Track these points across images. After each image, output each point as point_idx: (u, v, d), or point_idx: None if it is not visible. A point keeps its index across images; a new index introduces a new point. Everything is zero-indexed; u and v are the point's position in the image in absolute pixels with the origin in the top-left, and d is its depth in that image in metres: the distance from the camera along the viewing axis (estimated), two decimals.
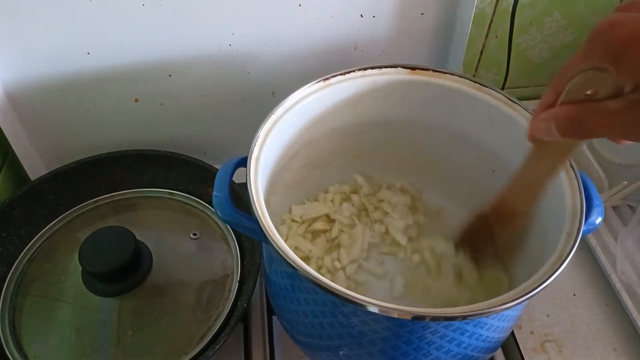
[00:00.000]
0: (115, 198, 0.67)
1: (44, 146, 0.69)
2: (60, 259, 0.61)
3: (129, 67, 0.64)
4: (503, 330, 0.46)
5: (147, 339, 0.54)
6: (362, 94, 0.55)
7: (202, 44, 0.64)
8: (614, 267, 0.66)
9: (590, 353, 0.61)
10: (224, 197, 0.45)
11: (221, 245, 0.62)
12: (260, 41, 0.65)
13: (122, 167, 0.68)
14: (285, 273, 0.45)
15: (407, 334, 0.40)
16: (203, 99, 0.69)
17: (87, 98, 0.66)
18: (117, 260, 0.54)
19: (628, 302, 0.63)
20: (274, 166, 0.52)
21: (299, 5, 0.62)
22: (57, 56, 0.61)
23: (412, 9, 0.66)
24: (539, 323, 0.63)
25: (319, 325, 0.44)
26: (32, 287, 0.58)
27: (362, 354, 0.43)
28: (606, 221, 0.72)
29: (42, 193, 0.64)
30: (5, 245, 0.60)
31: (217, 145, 0.75)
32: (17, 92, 0.63)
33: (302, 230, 0.61)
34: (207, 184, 0.65)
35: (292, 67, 0.68)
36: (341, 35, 0.67)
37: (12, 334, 0.54)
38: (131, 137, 0.71)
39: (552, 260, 0.40)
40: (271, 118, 0.50)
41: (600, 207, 0.45)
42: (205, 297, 0.57)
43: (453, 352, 0.42)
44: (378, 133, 0.61)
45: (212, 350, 0.51)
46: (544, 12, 0.75)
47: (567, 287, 0.66)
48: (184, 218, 0.66)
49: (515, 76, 0.84)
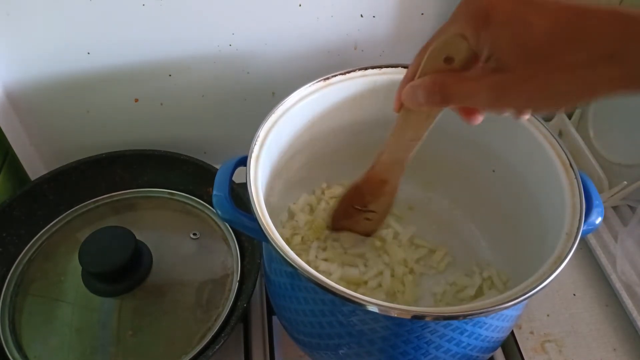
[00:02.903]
0: (115, 198, 0.67)
1: (44, 146, 0.69)
2: (60, 259, 0.61)
3: (129, 67, 0.64)
4: (502, 330, 0.46)
5: (147, 339, 0.54)
6: (362, 93, 0.55)
7: (202, 44, 0.64)
8: (614, 267, 0.66)
9: (590, 353, 0.60)
10: (224, 196, 0.45)
11: (221, 245, 0.62)
12: (260, 41, 0.65)
13: (122, 167, 0.68)
14: (285, 272, 0.45)
15: (406, 333, 0.40)
16: (203, 99, 0.69)
17: (87, 98, 0.66)
18: (117, 260, 0.54)
19: (628, 302, 0.63)
20: (274, 165, 0.52)
21: (299, 5, 0.62)
22: (57, 56, 0.61)
23: (412, 9, 0.66)
24: (539, 323, 0.63)
25: (319, 325, 0.44)
26: (32, 287, 0.59)
27: (361, 353, 0.43)
28: (606, 221, 0.72)
29: (42, 193, 0.64)
30: (5, 245, 0.60)
31: (217, 145, 0.75)
32: (17, 92, 0.63)
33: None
34: (207, 184, 0.65)
35: (292, 67, 0.68)
36: (341, 35, 0.67)
37: (12, 334, 0.54)
38: (131, 137, 0.71)
39: (552, 260, 0.40)
40: (271, 117, 0.50)
41: (600, 207, 0.45)
42: (205, 297, 0.57)
43: (452, 351, 0.42)
44: (378, 133, 0.60)
45: (212, 350, 0.51)
46: None
47: (567, 287, 0.66)
48: (184, 218, 0.66)
49: None
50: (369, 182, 0.53)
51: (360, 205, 0.57)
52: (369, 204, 0.56)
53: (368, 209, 0.57)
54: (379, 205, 0.56)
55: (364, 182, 0.53)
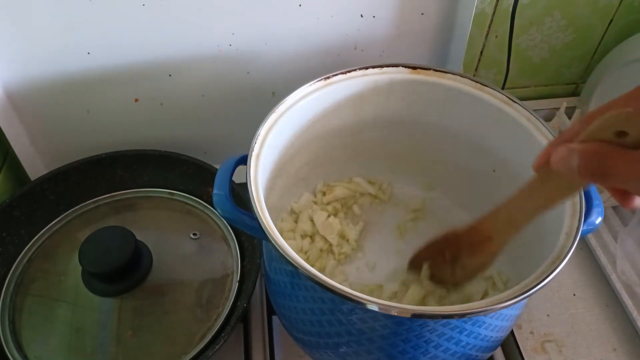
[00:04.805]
0: (115, 198, 0.67)
1: (44, 146, 0.69)
2: (60, 259, 0.61)
3: (129, 67, 0.64)
4: (502, 330, 0.45)
5: (147, 339, 0.54)
6: (363, 93, 0.55)
7: (202, 44, 0.64)
8: (614, 267, 0.66)
9: (590, 353, 0.61)
10: (224, 194, 0.45)
11: (221, 245, 0.62)
12: (260, 41, 0.65)
13: (122, 167, 0.68)
14: (285, 271, 0.45)
15: (405, 332, 0.40)
16: (203, 99, 0.69)
17: (87, 98, 0.66)
18: (117, 260, 0.54)
19: (628, 302, 0.63)
20: (274, 164, 0.52)
21: (299, 5, 0.62)
22: (57, 56, 0.61)
23: (412, 9, 0.66)
24: (539, 323, 0.63)
25: (318, 323, 0.44)
26: (32, 287, 0.58)
27: (361, 351, 0.43)
28: (606, 221, 0.72)
29: (42, 193, 0.64)
30: (5, 245, 0.60)
31: (217, 145, 0.75)
32: (17, 92, 0.63)
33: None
34: (207, 184, 0.65)
35: (292, 67, 0.68)
36: (341, 35, 0.67)
37: (12, 334, 0.54)
38: (131, 137, 0.71)
39: (551, 260, 0.40)
40: (272, 116, 0.50)
41: (600, 207, 0.46)
42: (205, 297, 0.57)
43: (452, 350, 0.42)
44: (379, 132, 0.61)
45: (212, 350, 0.51)
46: (544, 12, 0.76)
47: (567, 287, 0.66)
48: (184, 218, 0.66)
49: (515, 76, 0.84)
50: (473, 234, 0.47)
51: (451, 256, 0.50)
52: (461, 257, 0.49)
53: (458, 263, 0.50)
54: (473, 263, 0.48)
55: (467, 233, 0.47)
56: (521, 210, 0.42)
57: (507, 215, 0.43)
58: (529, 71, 0.84)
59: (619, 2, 0.76)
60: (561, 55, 0.82)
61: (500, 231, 0.45)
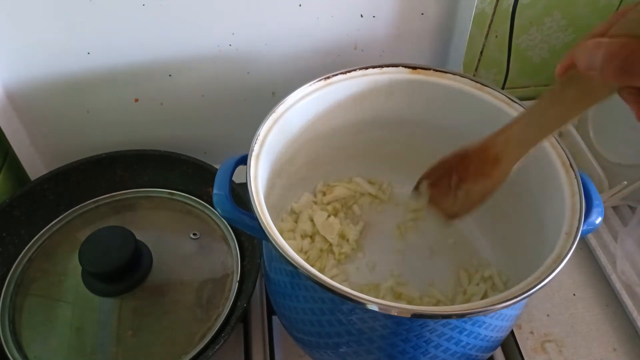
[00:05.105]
0: (115, 198, 0.67)
1: (44, 146, 0.69)
2: (60, 259, 0.61)
3: (129, 67, 0.64)
4: (502, 330, 0.45)
5: (147, 339, 0.54)
6: (363, 93, 0.55)
7: (202, 44, 0.64)
8: (614, 267, 0.66)
9: (590, 353, 0.60)
10: (224, 194, 0.45)
11: (221, 245, 0.62)
12: (260, 41, 0.65)
13: (122, 167, 0.68)
14: (285, 271, 0.45)
15: (405, 332, 0.40)
16: (203, 99, 0.69)
17: (87, 98, 0.66)
18: (117, 260, 0.54)
19: (628, 302, 0.63)
20: (274, 164, 0.52)
21: (299, 5, 0.62)
22: (57, 56, 0.61)
23: (412, 9, 0.66)
24: (539, 323, 0.63)
25: (318, 323, 0.44)
26: (32, 287, 0.58)
27: (361, 351, 0.43)
28: (606, 221, 0.72)
29: (42, 193, 0.64)
30: (5, 245, 0.60)
31: (217, 145, 0.75)
32: (17, 92, 0.63)
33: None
34: (207, 184, 0.65)
35: (292, 67, 0.68)
36: (341, 35, 0.67)
37: (12, 334, 0.54)
38: (131, 137, 0.71)
39: (551, 260, 0.40)
40: (272, 116, 0.50)
41: (600, 207, 0.45)
42: (205, 297, 0.57)
43: (451, 350, 0.42)
44: (379, 132, 0.61)
45: (212, 350, 0.51)
46: (544, 12, 0.76)
47: (567, 287, 0.66)
48: (184, 218, 0.66)
49: (515, 76, 0.84)
50: (482, 153, 0.44)
51: (457, 179, 0.47)
52: (466, 180, 0.47)
53: (462, 188, 0.47)
54: (476, 189, 0.46)
55: (476, 151, 0.44)
56: (536, 124, 0.38)
57: (521, 130, 0.40)
58: (529, 71, 0.84)
59: (619, 2, 0.76)
60: (561, 55, 0.82)
61: (509, 152, 0.41)
